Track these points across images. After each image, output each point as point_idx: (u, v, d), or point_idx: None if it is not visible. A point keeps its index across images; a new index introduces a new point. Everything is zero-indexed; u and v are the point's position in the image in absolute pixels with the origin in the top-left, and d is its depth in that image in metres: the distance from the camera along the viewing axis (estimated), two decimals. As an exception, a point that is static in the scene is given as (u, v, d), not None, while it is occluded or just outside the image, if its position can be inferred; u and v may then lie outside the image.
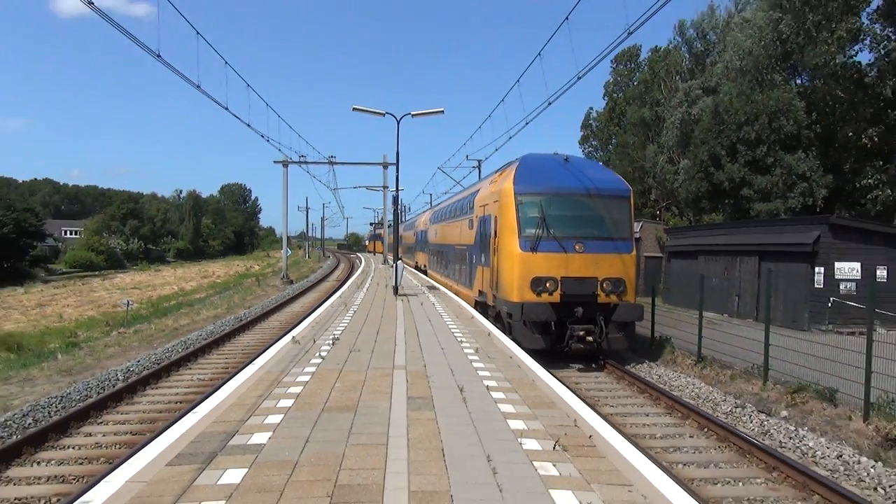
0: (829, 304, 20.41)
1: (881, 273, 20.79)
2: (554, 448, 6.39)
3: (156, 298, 46.98)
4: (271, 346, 13.06)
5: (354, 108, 26.08)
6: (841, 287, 20.81)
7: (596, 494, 5.27)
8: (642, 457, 5.96)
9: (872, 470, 8.91)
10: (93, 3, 12.12)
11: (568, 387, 9.41)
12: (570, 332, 14.78)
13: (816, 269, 21.08)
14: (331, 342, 12.91)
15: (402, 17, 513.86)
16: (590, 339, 14.77)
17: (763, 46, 35.72)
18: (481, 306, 19.23)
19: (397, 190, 27.84)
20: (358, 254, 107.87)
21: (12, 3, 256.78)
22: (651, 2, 10.59)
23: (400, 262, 25.81)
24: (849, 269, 20.99)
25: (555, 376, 9.38)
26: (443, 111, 27.09)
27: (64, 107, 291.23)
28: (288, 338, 13.47)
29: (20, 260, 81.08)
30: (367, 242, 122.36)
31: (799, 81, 37.76)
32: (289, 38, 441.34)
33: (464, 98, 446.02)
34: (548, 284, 14.98)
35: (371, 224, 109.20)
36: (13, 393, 13.36)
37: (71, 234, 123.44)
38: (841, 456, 9.44)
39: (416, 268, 45.95)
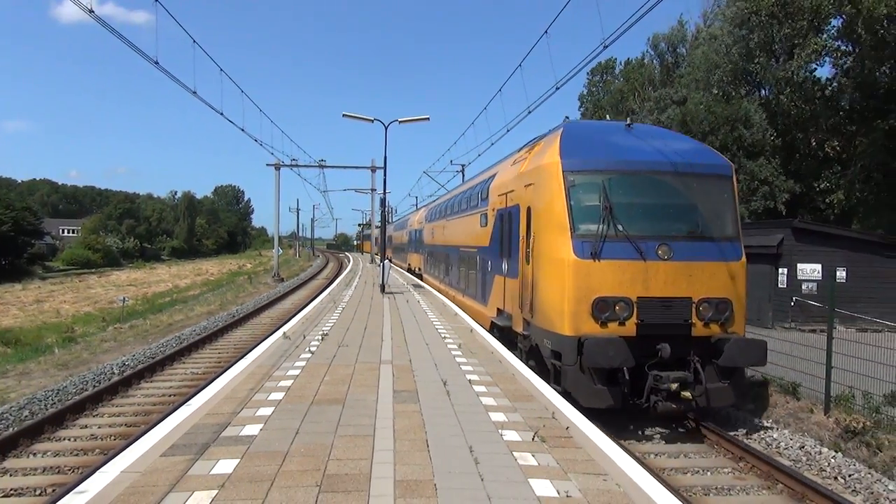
0: (792, 303, 21.02)
1: (841, 274, 21.49)
2: (533, 439, 6.61)
3: (151, 295, 47.03)
4: (263, 341, 13.21)
5: (344, 115, 26.44)
6: (803, 287, 21.46)
7: (573, 483, 5.48)
8: (617, 448, 6.17)
9: (833, 460, 9.24)
10: (93, 12, 12.23)
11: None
12: (654, 382, 9.80)
13: (780, 270, 21.76)
14: (320, 338, 13.11)
15: (390, 28, 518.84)
16: (686, 394, 9.71)
17: (729, 60, 37.05)
18: (502, 331, 14.00)
19: (385, 192, 28.32)
20: (346, 253, 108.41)
21: (13, 10, 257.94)
22: (625, 17, 10.81)
23: (387, 261, 26.20)
24: (810, 270, 21.63)
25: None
26: (428, 118, 27.74)
27: (63, 110, 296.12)
28: (279, 333, 13.65)
29: (18, 257, 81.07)
30: (356, 242, 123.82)
31: (763, 93, 38.91)
32: (282, 46, 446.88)
33: (449, 106, 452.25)
34: (617, 309, 9.96)
35: (359, 225, 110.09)
36: (10, 386, 13.49)
37: (68, 232, 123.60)
38: (803, 447, 9.78)
39: (410, 270, 43.12)
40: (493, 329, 14.78)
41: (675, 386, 9.65)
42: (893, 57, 30.96)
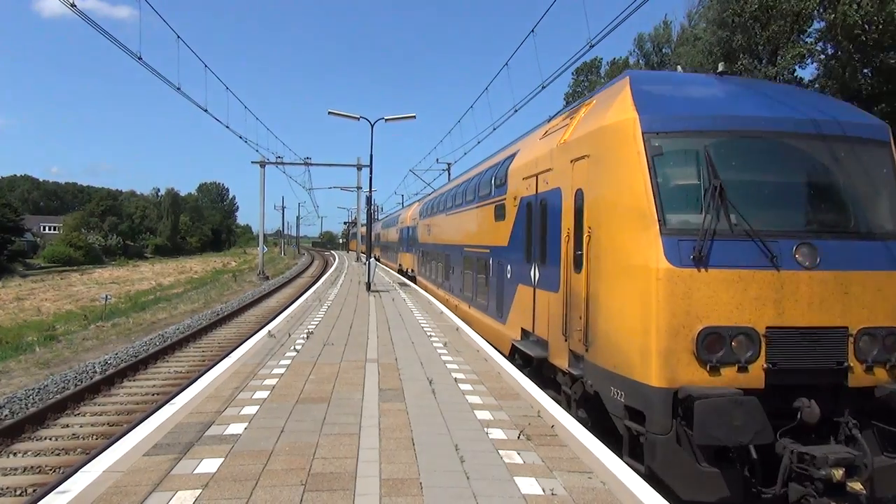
0: None
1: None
2: (518, 437, 6.65)
3: (134, 293, 46.59)
4: (247, 339, 13.19)
5: (330, 112, 26.43)
6: None
7: (558, 481, 5.51)
8: (602, 446, 6.20)
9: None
10: (75, 6, 12.09)
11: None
12: (799, 464, 6.11)
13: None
14: (305, 336, 13.10)
15: (378, 26, 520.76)
16: (856, 486, 5.97)
17: (713, 61, 37.65)
18: (529, 361, 10.32)
19: (371, 190, 28.33)
20: (332, 252, 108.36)
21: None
22: (611, 17, 10.86)
23: (373, 259, 26.18)
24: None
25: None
26: (415, 116, 27.73)
27: (44, 105, 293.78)
28: (264, 332, 13.61)
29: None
30: (342, 240, 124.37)
31: None
32: (268, 43, 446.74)
33: (435, 104, 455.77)
34: (734, 345, 6.44)
35: (345, 223, 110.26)
36: (-11, 386, 13.35)
37: (50, 229, 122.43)
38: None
39: (401, 272, 39.40)
40: (515, 355, 11.23)
41: (839, 473, 5.90)
42: (874, 60, 31.46)
